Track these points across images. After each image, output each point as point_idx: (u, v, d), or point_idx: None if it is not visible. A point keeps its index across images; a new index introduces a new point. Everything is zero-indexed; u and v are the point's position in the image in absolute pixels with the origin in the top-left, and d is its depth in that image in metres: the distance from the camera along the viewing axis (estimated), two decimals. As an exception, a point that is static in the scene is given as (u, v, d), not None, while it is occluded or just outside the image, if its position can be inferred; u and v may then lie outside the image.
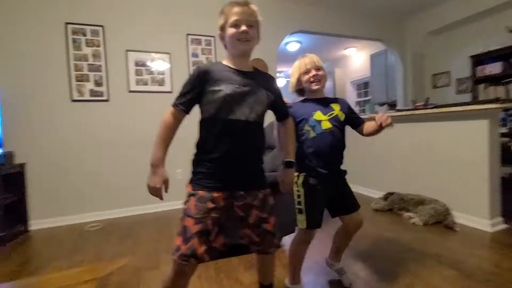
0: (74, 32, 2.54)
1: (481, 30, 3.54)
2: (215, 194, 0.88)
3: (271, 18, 3.36)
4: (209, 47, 3.04)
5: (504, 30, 3.10)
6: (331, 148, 1.19)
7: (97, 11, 2.62)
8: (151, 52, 2.82)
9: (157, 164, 0.89)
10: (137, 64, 2.77)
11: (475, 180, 2.02)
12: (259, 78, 0.96)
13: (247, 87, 0.91)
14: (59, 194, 2.52)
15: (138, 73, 2.77)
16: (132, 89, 2.75)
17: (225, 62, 0.96)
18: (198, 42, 3.00)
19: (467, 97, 3.64)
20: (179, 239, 0.86)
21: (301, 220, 1.20)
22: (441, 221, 2.10)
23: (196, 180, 0.91)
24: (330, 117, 1.20)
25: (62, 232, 2.33)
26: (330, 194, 1.23)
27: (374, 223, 2.22)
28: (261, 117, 0.95)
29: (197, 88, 0.90)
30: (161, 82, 2.87)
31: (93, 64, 2.60)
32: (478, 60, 3.33)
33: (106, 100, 2.66)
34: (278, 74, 5.87)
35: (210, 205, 0.87)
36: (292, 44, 4.93)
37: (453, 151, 2.16)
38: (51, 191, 2.49)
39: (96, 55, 2.61)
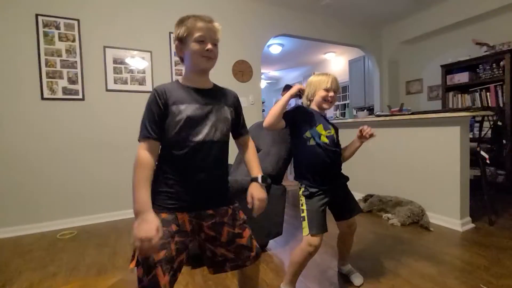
0: (46, 25, 2.35)
1: (451, 42, 3.80)
2: (180, 215, 0.83)
3: (256, 20, 3.37)
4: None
5: (471, 43, 3.35)
6: (328, 158, 1.24)
7: (72, 3, 2.45)
8: (131, 49, 2.69)
9: (144, 210, 0.74)
10: (115, 61, 2.63)
11: (447, 182, 2.16)
12: (220, 96, 0.93)
13: (209, 106, 0.87)
14: (27, 200, 2.32)
15: (116, 71, 2.64)
16: (110, 88, 2.61)
17: (182, 81, 0.90)
18: (181, 41, 2.91)
19: (438, 104, 3.89)
20: (140, 271, 0.77)
21: (304, 227, 1.22)
22: (417, 221, 2.22)
23: (157, 201, 0.82)
24: (328, 134, 1.27)
25: (31, 240, 2.14)
26: (330, 199, 1.27)
27: (356, 224, 2.30)
28: (226, 135, 0.91)
29: (157, 111, 0.82)
30: (141, 81, 2.75)
31: (67, 60, 2.43)
32: (448, 69, 3.57)
33: (81, 99, 2.50)
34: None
35: (174, 227, 0.81)
36: (274, 46, 4.98)
37: (427, 155, 2.29)
38: (17, 196, 2.29)
39: (70, 51, 2.45)
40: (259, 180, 0.95)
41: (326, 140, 1.25)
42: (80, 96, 2.49)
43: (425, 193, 2.33)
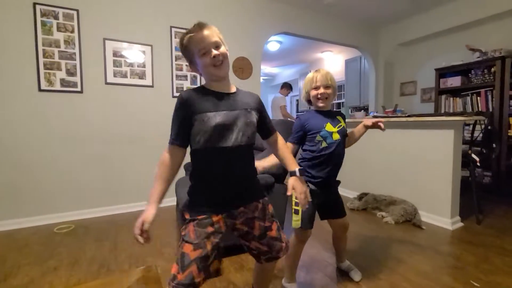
0: (44, 14, 2.29)
1: (446, 46, 3.91)
2: (215, 218, 0.87)
3: (258, 18, 3.36)
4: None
5: (465, 48, 3.46)
6: (338, 158, 1.29)
7: (71, -7, 2.39)
8: (132, 42, 2.65)
9: (149, 201, 0.83)
10: (115, 54, 2.58)
11: (439, 183, 2.25)
12: (245, 99, 0.94)
13: (236, 110, 0.88)
14: (24, 193, 2.28)
15: (116, 64, 2.59)
16: (109, 81, 2.57)
17: (207, 85, 0.92)
18: (182, 36, 2.88)
19: (430, 106, 4.01)
20: (175, 267, 0.82)
21: (296, 220, 1.26)
22: (410, 220, 2.32)
23: (194, 206, 0.89)
24: (339, 129, 1.29)
25: (28, 234, 2.12)
26: (323, 199, 1.32)
27: (351, 222, 2.32)
28: (251, 138, 0.92)
29: (183, 119, 0.85)
30: (141, 75, 2.72)
31: (65, 51, 2.38)
32: (442, 73, 3.68)
33: (80, 92, 2.45)
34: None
35: (210, 229, 0.85)
36: (272, 43, 4.98)
37: (421, 157, 2.38)
38: (14, 189, 2.25)
39: (68, 42, 2.39)
40: (297, 173, 0.98)
41: (338, 136, 1.28)
42: (79, 89, 2.44)
43: (417, 193, 2.42)
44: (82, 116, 2.47)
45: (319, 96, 1.28)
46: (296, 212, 1.27)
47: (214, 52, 0.85)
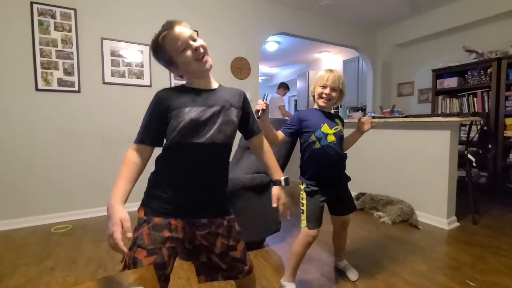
0: (41, 13, 2.28)
1: (442, 47, 3.93)
2: (173, 221, 0.79)
3: (256, 18, 3.37)
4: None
5: (461, 49, 3.48)
6: (332, 160, 1.29)
7: (68, -8, 2.38)
8: (129, 42, 2.64)
9: (112, 203, 0.72)
10: (113, 54, 2.58)
11: (436, 183, 2.26)
12: (226, 96, 0.88)
13: (214, 107, 0.83)
14: (20, 193, 2.27)
15: (114, 63, 2.59)
16: (107, 80, 2.56)
17: (187, 84, 0.88)
18: (180, 35, 2.88)
19: (427, 107, 4.03)
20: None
21: (302, 220, 1.30)
22: (407, 219, 2.33)
23: (151, 204, 0.81)
24: (335, 131, 1.29)
25: (25, 235, 2.10)
26: (329, 196, 1.33)
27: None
28: (230, 137, 0.87)
29: (158, 116, 0.81)
30: (139, 75, 2.71)
31: (62, 51, 2.37)
32: (439, 73, 3.70)
33: (77, 91, 2.44)
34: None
35: (167, 233, 0.77)
36: (271, 43, 4.98)
37: (418, 157, 2.39)
38: (10, 189, 2.23)
39: (66, 41, 2.38)
40: (283, 183, 0.93)
41: (333, 139, 1.27)
42: (76, 88, 2.43)
43: (414, 193, 2.43)
44: (80, 116, 2.46)
45: (323, 95, 1.28)
46: (302, 211, 1.31)
47: (194, 44, 0.81)
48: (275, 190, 0.94)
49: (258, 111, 1.01)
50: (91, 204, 2.53)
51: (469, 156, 2.31)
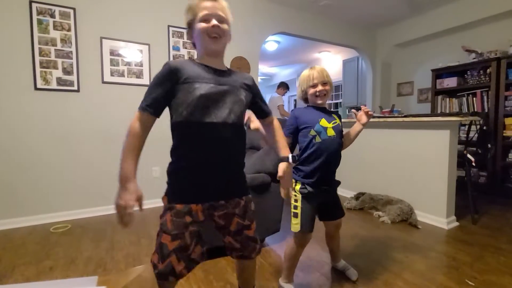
0: (40, 12, 2.27)
1: (442, 47, 3.94)
2: (194, 207, 0.83)
3: (256, 17, 3.37)
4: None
5: (461, 49, 3.49)
6: (333, 155, 1.26)
7: (67, -9, 2.37)
8: (129, 41, 2.64)
9: (127, 178, 0.75)
10: (112, 53, 2.57)
11: (435, 183, 2.26)
12: (236, 77, 0.90)
13: (224, 86, 0.83)
14: (19, 192, 2.26)
15: (113, 63, 2.58)
16: (106, 80, 2.55)
17: (198, 59, 0.88)
18: (180, 35, 2.88)
19: (427, 107, 4.03)
20: (155, 257, 0.81)
21: (295, 224, 1.25)
22: (406, 219, 2.33)
23: (172, 192, 0.85)
24: (334, 125, 1.27)
25: (24, 234, 2.10)
26: (322, 200, 1.31)
27: (348, 221, 2.38)
28: (240, 118, 0.87)
29: (165, 87, 0.79)
30: (138, 75, 2.71)
31: (61, 50, 2.36)
32: (438, 73, 3.70)
33: (76, 91, 2.44)
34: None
35: (188, 219, 0.82)
36: (270, 43, 4.98)
37: (417, 157, 2.39)
38: (9, 188, 2.23)
39: (65, 40, 2.37)
40: (290, 159, 0.95)
41: (333, 133, 1.26)
42: (75, 88, 2.43)
43: (414, 193, 2.43)
44: (79, 115, 2.46)
45: (317, 93, 1.27)
46: (295, 215, 1.26)
47: (214, 22, 0.82)
48: (282, 165, 0.95)
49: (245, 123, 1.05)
50: (90, 203, 2.52)
51: (469, 155, 2.31)
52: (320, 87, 1.26)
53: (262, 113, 1.01)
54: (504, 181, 3.08)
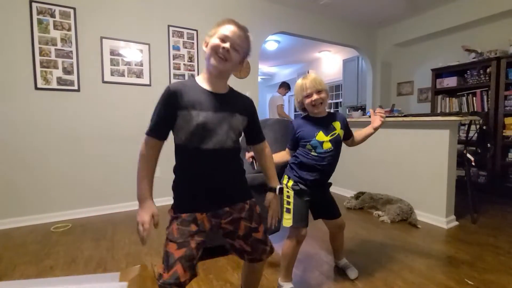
0: (40, 12, 2.27)
1: (442, 47, 3.94)
2: (199, 216, 0.86)
3: (256, 17, 3.37)
4: (191, 41, 2.94)
5: (461, 49, 3.49)
6: (328, 167, 1.29)
7: (67, -10, 2.37)
8: (129, 41, 2.64)
9: (143, 198, 0.84)
10: (112, 53, 2.58)
11: (435, 182, 2.27)
12: (235, 101, 0.92)
13: (222, 112, 0.85)
14: (20, 192, 2.27)
15: (113, 62, 2.58)
16: (106, 79, 2.56)
17: (200, 80, 0.90)
18: (180, 34, 2.88)
19: (427, 106, 4.03)
20: (161, 267, 0.83)
21: (287, 219, 1.29)
22: (406, 219, 2.33)
23: (177, 204, 0.88)
24: (332, 137, 1.28)
25: (24, 233, 2.11)
26: (315, 199, 1.34)
27: (348, 221, 2.37)
28: (236, 141, 0.91)
29: (166, 112, 0.83)
30: (138, 74, 2.71)
31: (62, 50, 2.37)
32: (438, 73, 3.71)
33: (77, 90, 2.44)
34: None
35: (194, 228, 0.84)
36: (270, 42, 4.98)
37: (417, 156, 2.40)
38: (10, 188, 2.24)
39: (65, 40, 2.38)
40: (277, 191, 1.01)
41: (330, 146, 1.26)
42: (76, 87, 2.43)
43: (414, 192, 2.44)
44: (79, 115, 2.46)
45: (313, 103, 1.25)
46: (288, 211, 1.29)
47: (227, 45, 0.83)
48: (269, 195, 1.02)
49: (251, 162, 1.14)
50: (91, 203, 2.53)
51: (468, 155, 2.31)
52: (315, 96, 1.24)
53: (255, 139, 1.02)
54: (504, 181, 3.08)
